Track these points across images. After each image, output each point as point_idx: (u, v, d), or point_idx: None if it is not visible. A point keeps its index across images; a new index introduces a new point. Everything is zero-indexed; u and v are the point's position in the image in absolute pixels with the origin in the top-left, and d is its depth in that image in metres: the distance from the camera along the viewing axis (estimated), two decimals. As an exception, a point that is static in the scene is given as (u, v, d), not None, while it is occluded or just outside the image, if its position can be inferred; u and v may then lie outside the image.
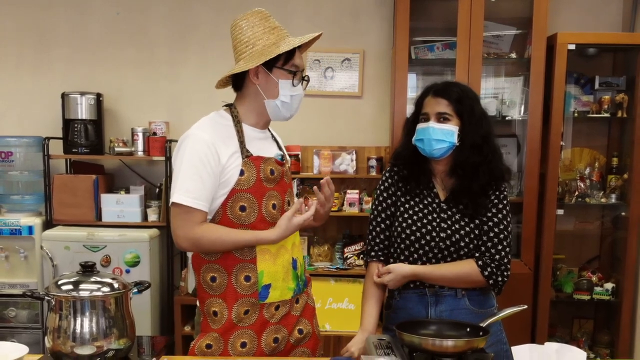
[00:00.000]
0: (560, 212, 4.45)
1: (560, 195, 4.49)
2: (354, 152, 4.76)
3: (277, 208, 2.38)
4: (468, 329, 2.23)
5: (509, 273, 2.45)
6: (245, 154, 2.33)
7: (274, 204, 2.37)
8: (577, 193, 4.55)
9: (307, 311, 2.56)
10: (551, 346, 1.93)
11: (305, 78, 2.43)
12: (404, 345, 2.18)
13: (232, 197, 2.31)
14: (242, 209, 2.32)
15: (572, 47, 4.29)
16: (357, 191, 4.68)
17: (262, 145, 2.42)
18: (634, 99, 4.39)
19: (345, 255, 4.72)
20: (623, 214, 4.56)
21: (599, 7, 4.77)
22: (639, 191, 4.40)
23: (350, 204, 4.64)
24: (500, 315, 2.33)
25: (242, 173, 2.31)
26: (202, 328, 2.42)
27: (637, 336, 4.50)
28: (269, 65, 2.33)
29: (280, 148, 2.55)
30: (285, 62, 2.34)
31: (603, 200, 4.56)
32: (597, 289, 4.55)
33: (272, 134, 2.58)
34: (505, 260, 2.43)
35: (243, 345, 2.36)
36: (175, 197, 2.26)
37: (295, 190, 4.64)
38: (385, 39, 4.84)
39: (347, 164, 4.73)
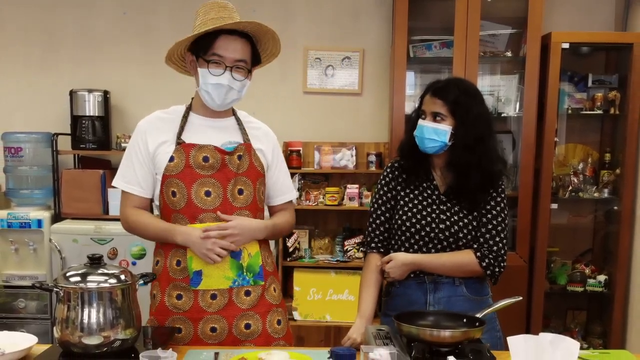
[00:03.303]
0: (555, 206, 4.50)
1: (554, 190, 4.55)
2: (353, 148, 4.81)
3: (214, 195, 2.39)
4: (465, 320, 2.28)
5: (505, 264, 2.52)
6: (177, 141, 2.41)
7: (208, 190, 2.39)
8: (570, 188, 4.60)
9: (261, 307, 2.49)
10: (545, 337, 1.90)
11: (241, 67, 2.40)
12: (402, 335, 2.22)
13: (165, 183, 2.40)
14: (174, 194, 2.39)
15: (566, 46, 4.35)
16: (356, 186, 4.73)
17: (210, 134, 2.45)
18: (626, 96, 4.44)
19: (345, 248, 4.78)
20: (615, 208, 4.60)
21: (593, 7, 4.83)
22: (631, 186, 4.46)
23: (350, 199, 4.70)
24: (496, 306, 2.38)
25: (172, 159, 2.39)
26: (149, 311, 2.51)
27: (629, 327, 4.56)
28: (197, 55, 2.40)
29: (247, 140, 2.51)
30: (205, 51, 2.37)
31: (596, 194, 4.61)
32: (590, 281, 4.60)
33: (239, 123, 2.56)
34: (502, 252, 2.51)
35: (178, 331, 2.39)
36: (114, 180, 2.51)
37: (296, 185, 4.72)
38: (385, 38, 4.91)
39: (347, 159, 4.79)
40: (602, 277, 4.60)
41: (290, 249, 4.74)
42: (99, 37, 4.99)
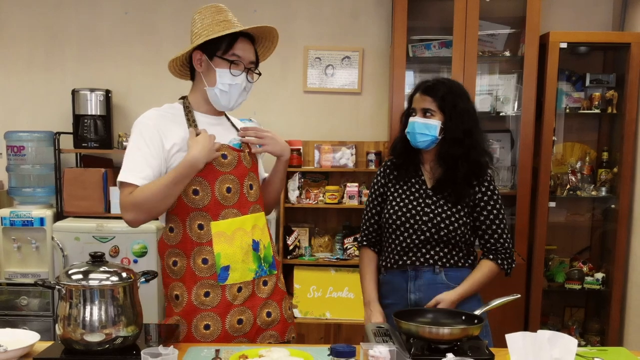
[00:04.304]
0: (553, 204, 4.52)
1: (552, 189, 4.57)
2: (353, 147, 4.84)
3: (233, 191, 2.43)
4: (463, 317, 2.32)
5: (514, 255, 2.73)
6: None
7: (229, 187, 2.42)
8: (568, 186, 4.63)
9: (277, 295, 2.59)
10: (544, 334, 1.90)
11: (252, 69, 2.48)
12: (401, 332, 2.26)
13: None
14: (195, 192, 2.38)
15: (563, 45, 4.37)
16: (356, 184, 4.76)
17: (216, 131, 2.45)
18: (623, 95, 4.47)
19: (345, 246, 4.81)
20: (613, 206, 4.63)
21: (590, 7, 4.85)
22: (628, 184, 4.48)
23: (350, 197, 4.73)
24: (495, 304, 2.43)
25: None
26: (166, 312, 2.50)
27: (627, 324, 4.58)
28: (211, 54, 2.41)
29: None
30: (224, 52, 2.40)
31: (593, 193, 4.64)
32: (588, 278, 4.62)
33: (231, 121, 2.64)
34: (511, 246, 2.70)
35: (206, 327, 2.40)
36: (122, 176, 2.34)
37: (297, 183, 4.79)
38: (384, 38, 4.95)
39: (347, 158, 4.81)
40: (599, 275, 4.62)
41: (291, 247, 4.77)
42: (101, 36, 5.02)
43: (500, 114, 4.70)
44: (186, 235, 2.42)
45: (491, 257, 2.68)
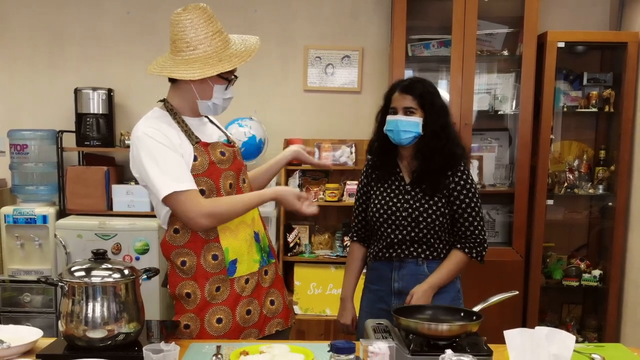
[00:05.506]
0: (550, 202, 4.56)
1: (550, 186, 4.59)
2: (353, 145, 4.87)
3: (233, 187, 2.50)
4: (462, 314, 2.35)
5: (487, 243, 2.83)
6: (195, 140, 2.42)
7: (231, 183, 2.48)
8: (566, 184, 4.65)
9: (277, 282, 2.70)
10: (541, 330, 1.92)
11: (236, 77, 2.52)
12: (400, 329, 2.29)
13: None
14: (202, 192, 2.40)
15: (561, 44, 4.40)
16: (356, 182, 4.64)
17: (204, 131, 2.52)
18: (620, 94, 4.48)
19: (345, 244, 4.82)
20: (610, 204, 4.64)
21: (588, 7, 4.87)
22: (625, 182, 4.50)
23: (350, 195, 4.74)
24: (493, 300, 2.44)
25: (195, 159, 2.39)
26: (176, 310, 2.52)
27: (624, 321, 4.60)
28: None
29: (222, 131, 2.66)
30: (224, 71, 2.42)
31: (591, 191, 4.65)
32: (585, 275, 4.64)
33: (209, 119, 2.66)
34: (483, 234, 2.82)
35: (219, 321, 2.47)
36: (174, 186, 2.31)
37: (297, 181, 4.82)
38: (383, 37, 4.97)
39: (346, 156, 4.84)
40: (597, 272, 4.64)
41: (291, 244, 4.80)
42: (103, 36, 5.05)
43: (499, 113, 4.73)
44: (194, 234, 2.46)
45: (459, 246, 2.81)
